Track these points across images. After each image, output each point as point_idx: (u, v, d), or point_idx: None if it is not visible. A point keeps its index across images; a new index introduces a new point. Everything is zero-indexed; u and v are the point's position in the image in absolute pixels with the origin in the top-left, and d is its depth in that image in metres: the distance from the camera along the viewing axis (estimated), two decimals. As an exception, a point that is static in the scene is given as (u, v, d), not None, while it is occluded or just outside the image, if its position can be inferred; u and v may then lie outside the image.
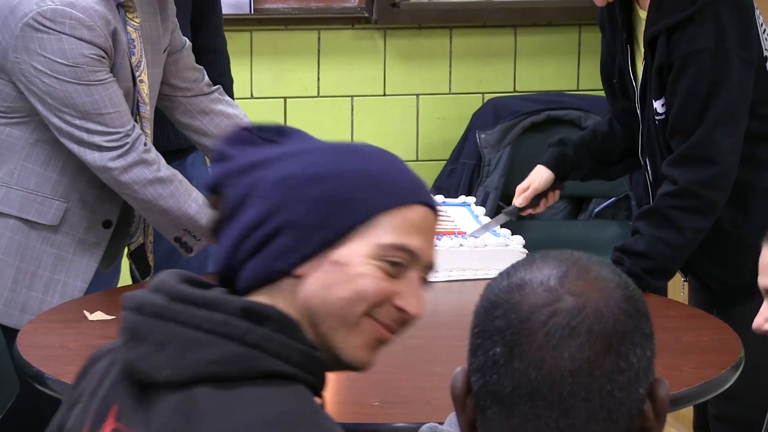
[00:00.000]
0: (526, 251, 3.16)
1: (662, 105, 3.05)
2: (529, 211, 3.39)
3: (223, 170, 1.70)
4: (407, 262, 1.69)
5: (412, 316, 1.72)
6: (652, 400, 1.37)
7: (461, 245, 3.15)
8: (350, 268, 1.66)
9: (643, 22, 3.09)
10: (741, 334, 2.83)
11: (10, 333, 2.90)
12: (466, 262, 3.15)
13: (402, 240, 1.67)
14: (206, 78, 3.44)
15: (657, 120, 3.07)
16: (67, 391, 1.78)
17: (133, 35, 3.14)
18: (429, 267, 1.72)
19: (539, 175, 3.37)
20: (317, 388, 1.66)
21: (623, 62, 3.21)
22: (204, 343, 1.59)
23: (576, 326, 1.33)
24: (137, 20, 3.15)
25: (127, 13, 3.14)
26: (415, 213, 1.69)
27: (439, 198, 3.53)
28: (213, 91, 3.45)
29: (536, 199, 3.38)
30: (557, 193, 3.39)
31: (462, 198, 3.54)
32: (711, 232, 3.09)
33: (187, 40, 3.42)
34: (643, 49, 3.11)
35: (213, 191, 1.71)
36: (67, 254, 3.17)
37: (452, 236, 3.19)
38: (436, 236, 1.74)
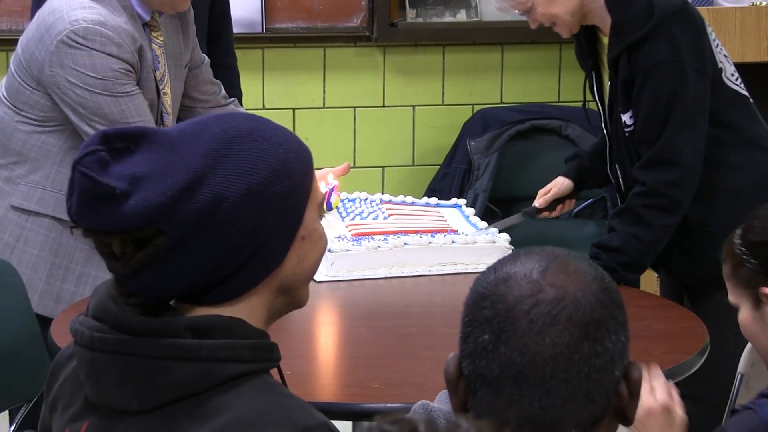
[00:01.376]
0: (512, 247, 3.16)
1: (630, 117, 3.07)
2: (546, 213, 3.41)
3: (146, 205, 1.51)
4: None
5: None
6: (626, 382, 1.37)
7: (453, 242, 3.15)
8: (313, 235, 1.65)
9: (606, 47, 3.11)
10: (710, 322, 2.83)
11: (46, 322, 2.90)
12: (457, 257, 3.15)
13: (321, 191, 1.69)
14: (223, 91, 3.44)
15: (626, 132, 3.09)
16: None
17: (158, 52, 3.14)
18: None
19: (561, 183, 3.39)
20: (274, 361, 1.63)
21: (590, 86, 3.24)
22: (162, 369, 1.54)
23: (556, 315, 1.33)
24: (161, 38, 3.16)
25: (152, 32, 3.14)
26: (313, 166, 1.70)
27: (433, 200, 3.53)
28: (229, 103, 3.45)
29: (554, 204, 3.40)
30: (573, 201, 3.43)
31: (454, 200, 3.54)
32: (681, 231, 3.10)
33: (206, 57, 3.43)
34: (608, 71, 3.13)
35: (139, 228, 1.52)
36: (97, 250, 3.17)
37: (445, 234, 3.20)
38: None
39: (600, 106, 3.23)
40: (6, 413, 3.11)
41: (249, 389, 1.57)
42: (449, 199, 3.62)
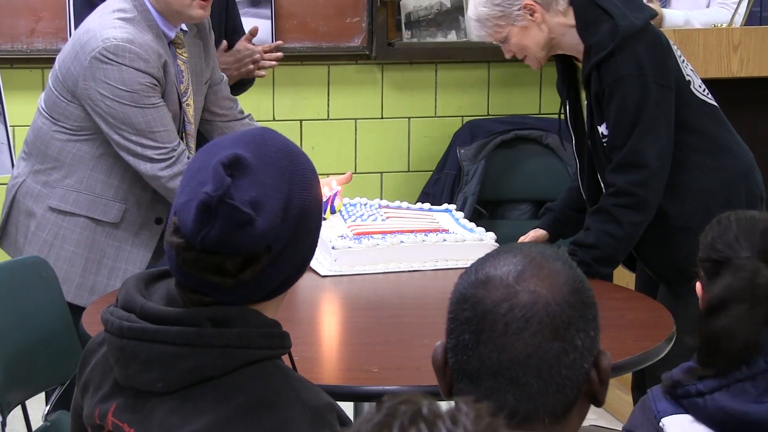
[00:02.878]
0: (498, 245, 3.16)
1: (606, 128, 3.08)
2: None
3: (268, 227, 1.54)
4: None
5: None
6: (597, 369, 1.36)
7: (444, 240, 3.15)
8: None
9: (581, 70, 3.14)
10: (684, 311, 2.85)
11: (80, 311, 2.91)
12: (448, 253, 3.15)
13: None
14: (239, 107, 3.45)
15: (604, 142, 3.10)
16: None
17: (182, 67, 3.15)
18: None
19: (537, 233, 3.36)
20: (286, 348, 1.64)
21: (565, 112, 3.26)
22: (185, 355, 1.55)
23: (529, 318, 1.32)
24: (185, 55, 3.17)
25: (177, 49, 3.15)
26: None
27: (426, 205, 3.54)
28: (244, 117, 3.46)
29: None
30: None
31: (445, 205, 3.55)
32: (662, 228, 3.11)
33: (224, 75, 3.43)
34: (584, 90, 3.14)
35: (261, 247, 1.55)
36: (127, 246, 3.17)
37: (437, 233, 3.20)
38: None
39: (572, 130, 3.24)
40: (42, 395, 3.11)
41: (263, 373, 1.57)
42: (441, 202, 3.63)
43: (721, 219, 2.13)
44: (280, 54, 3.75)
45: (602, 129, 3.08)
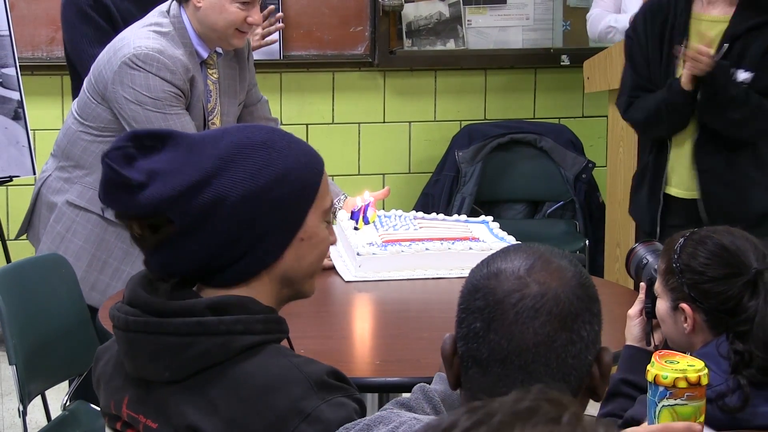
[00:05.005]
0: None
1: (746, 73, 3.09)
2: None
3: (157, 197, 1.52)
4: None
5: (333, 243, 1.72)
6: (598, 364, 1.35)
7: (470, 248, 2.99)
8: (313, 238, 1.63)
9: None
10: None
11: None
12: (474, 261, 3.01)
13: (329, 199, 1.67)
14: (279, 126, 3.42)
15: (742, 83, 3.11)
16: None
17: (211, 87, 3.15)
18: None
19: None
20: (284, 332, 1.63)
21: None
22: (188, 344, 1.55)
23: (539, 308, 1.31)
24: (215, 75, 3.17)
25: (208, 69, 3.15)
26: (324, 176, 1.67)
27: (462, 217, 3.43)
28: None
29: None
30: None
31: (482, 217, 3.41)
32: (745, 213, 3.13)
33: (263, 96, 3.42)
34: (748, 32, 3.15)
35: (151, 215, 1.53)
36: (134, 250, 3.13)
37: (465, 241, 3.08)
38: None
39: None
40: (60, 385, 3.10)
41: (264, 357, 1.57)
42: (440, 202, 3.57)
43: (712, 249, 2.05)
44: (280, 14, 3.66)
45: (744, 76, 3.08)
